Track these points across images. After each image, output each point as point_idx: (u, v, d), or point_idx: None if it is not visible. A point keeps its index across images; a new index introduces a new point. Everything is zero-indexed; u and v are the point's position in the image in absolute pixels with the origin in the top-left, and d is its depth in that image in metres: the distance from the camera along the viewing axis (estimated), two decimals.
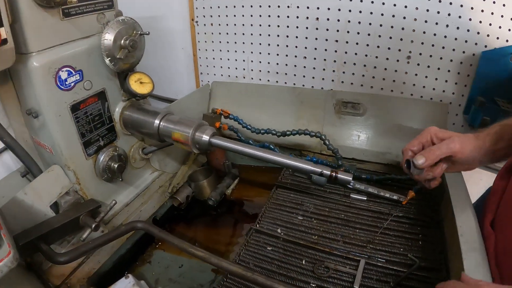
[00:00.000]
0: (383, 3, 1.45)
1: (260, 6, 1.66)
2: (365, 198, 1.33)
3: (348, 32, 1.56)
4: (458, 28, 1.38)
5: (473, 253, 0.89)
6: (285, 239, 1.22)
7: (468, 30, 1.37)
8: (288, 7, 1.61)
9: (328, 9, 1.55)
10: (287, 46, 1.71)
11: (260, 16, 1.68)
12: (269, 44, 1.74)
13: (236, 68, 1.87)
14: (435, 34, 1.42)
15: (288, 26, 1.65)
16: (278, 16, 1.65)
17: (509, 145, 0.92)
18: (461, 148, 0.92)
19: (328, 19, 1.57)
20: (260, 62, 1.80)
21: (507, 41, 1.34)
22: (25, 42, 1.00)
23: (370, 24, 1.50)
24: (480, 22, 1.36)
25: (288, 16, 1.63)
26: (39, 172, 1.15)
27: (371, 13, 1.49)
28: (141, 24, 1.20)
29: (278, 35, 1.70)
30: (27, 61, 1.01)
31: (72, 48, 1.10)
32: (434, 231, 1.19)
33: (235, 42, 1.80)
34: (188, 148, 1.19)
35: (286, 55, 1.73)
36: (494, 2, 1.31)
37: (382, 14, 1.47)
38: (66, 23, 1.07)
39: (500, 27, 1.34)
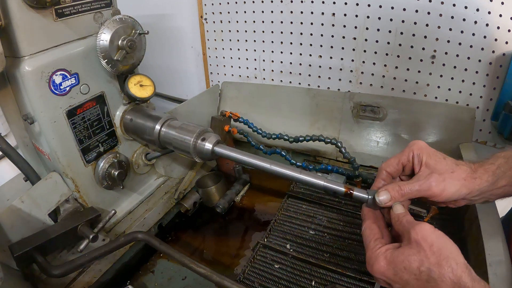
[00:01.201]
0: None
1: (272, 1, 1.57)
2: None
3: (367, 28, 1.45)
4: (487, 25, 1.25)
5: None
6: (294, 256, 1.13)
7: (498, 28, 1.25)
8: (302, 1, 1.52)
9: (345, 3, 1.44)
10: (301, 44, 1.61)
11: (272, 12, 1.59)
12: (281, 42, 1.65)
13: (247, 68, 1.78)
14: (462, 32, 1.29)
15: (302, 23, 1.55)
16: (291, 12, 1.55)
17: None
18: (440, 191, 0.73)
19: (345, 15, 1.46)
20: (272, 61, 1.71)
21: None
22: (17, 45, 0.94)
23: (391, 20, 1.39)
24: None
25: (301, 12, 1.53)
26: (37, 179, 1.10)
27: (392, 8, 1.37)
28: (149, 22, 1.14)
29: (291, 33, 1.60)
30: (20, 66, 0.95)
31: (66, 50, 1.03)
32: None
33: (246, 40, 1.72)
34: (190, 157, 1.11)
35: (300, 54, 1.63)
36: None
37: (404, 9, 1.35)
38: (59, 24, 1.00)
39: None
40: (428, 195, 0.75)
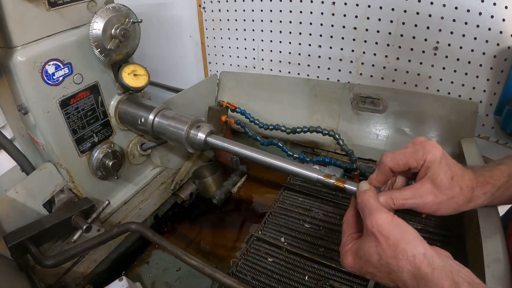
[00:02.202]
0: None
1: None
2: None
3: (368, 18, 1.41)
4: (492, 16, 1.21)
5: None
6: (288, 250, 1.12)
7: (503, 20, 1.20)
8: None
9: None
10: (300, 33, 1.57)
11: (271, 0, 1.55)
12: (280, 32, 1.61)
13: (246, 57, 1.76)
14: (466, 23, 1.25)
15: (301, 12, 1.51)
16: (290, 1, 1.52)
17: (507, 200, 0.76)
18: (432, 211, 0.71)
19: (345, 4, 1.42)
20: (271, 51, 1.68)
21: None
22: (9, 36, 0.93)
23: (392, 9, 1.35)
24: None
25: (301, 0, 1.49)
26: (31, 169, 1.10)
27: None
28: (147, 11, 1.12)
29: (290, 22, 1.57)
30: (12, 56, 0.94)
31: (59, 40, 1.02)
32: (455, 247, 1.06)
33: (245, 29, 1.69)
34: (183, 148, 1.09)
35: (299, 44, 1.60)
36: None
37: None
38: (52, 14, 0.99)
39: None
40: (422, 209, 0.72)
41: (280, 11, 1.56)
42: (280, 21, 1.59)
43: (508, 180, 0.74)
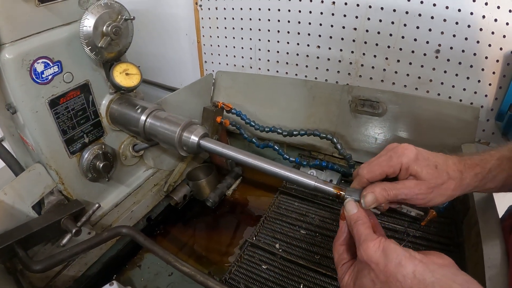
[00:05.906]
0: None
1: None
2: (379, 212, 1.18)
3: (368, 19, 1.38)
4: (496, 20, 1.18)
5: None
6: (283, 257, 1.09)
7: (507, 24, 1.18)
8: None
9: None
10: (298, 33, 1.54)
11: None
12: (278, 31, 1.58)
13: (243, 57, 1.72)
14: (469, 26, 1.23)
15: (300, 11, 1.48)
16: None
17: (502, 185, 0.74)
18: (425, 202, 0.71)
19: (345, 4, 1.39)
20: (268, 50, 1.65)
21: None
22: None
23: (394, 10, 1.32)
24: None
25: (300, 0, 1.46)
26: (20, 170, 1.07)
27: None
28: (143, 8, 1.08)
29: (288, 21, 1.53)
30: (0, 53, 0.91)
31: (49, 37, 0.98)
32: (454, 256, 1.03)
33: (242, 28, 1.65)
34: (175, 150, 1.06)
35: (298, 44, 1.56)
36: None
37: (408, 0, 1.27)
38: (42, 10, 0.95)
39: None
40: (412, 203, 0.72)
41: (279, 10, 1.53)
42: (278, 20, 1.56)
43: (499, 164, 0.73)
